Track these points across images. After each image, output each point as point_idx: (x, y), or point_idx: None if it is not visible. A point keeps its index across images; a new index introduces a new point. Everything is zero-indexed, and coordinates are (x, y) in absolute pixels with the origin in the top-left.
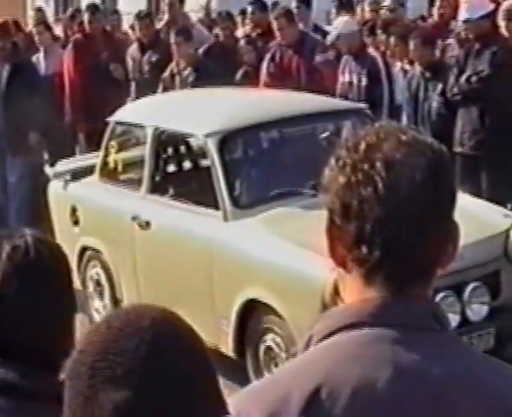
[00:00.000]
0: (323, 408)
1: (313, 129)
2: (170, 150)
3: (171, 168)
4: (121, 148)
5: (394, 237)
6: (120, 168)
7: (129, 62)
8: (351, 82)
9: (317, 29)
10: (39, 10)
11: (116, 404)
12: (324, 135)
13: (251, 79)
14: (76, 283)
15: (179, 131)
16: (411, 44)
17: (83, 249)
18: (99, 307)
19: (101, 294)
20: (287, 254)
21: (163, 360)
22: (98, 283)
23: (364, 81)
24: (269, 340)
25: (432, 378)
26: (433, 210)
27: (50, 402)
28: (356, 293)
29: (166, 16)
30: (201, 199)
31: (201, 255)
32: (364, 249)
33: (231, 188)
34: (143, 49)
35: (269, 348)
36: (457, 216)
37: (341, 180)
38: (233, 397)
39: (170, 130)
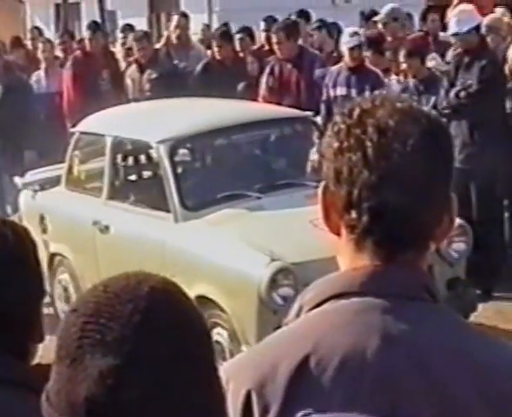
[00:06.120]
0: (311, 377)
1: (259, 135)
2: (128, 158)
3: (129, 175)
4: (85, 158)
5: (382, 203)
6: (83, 176)
7: (129, 84)
8: (347, 96)
9: None
10: (37, 29)
11: (102, 370)
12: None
13: (252, 92)
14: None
15: (134, 139)
16: (400, 57)
17: (52, 256)
18: (66, 311)
19: (68, 298)
20: (228, 252)
21: (156, 332)
22: (65, 289)
23: (368, 94)
24: (216, 334)
25: (420, 347)
26: (425, 179)
27: (20, 389)
28: (348, 260)
29: (164, 36)
30: (156, 203)
31: (154, 256)
32: (354, 214)
33: (181, 192)
34: (142, 69)
35: (217, 342)
36: None
37: (335, 145)
38: (223, 366)
39: (127, 139)
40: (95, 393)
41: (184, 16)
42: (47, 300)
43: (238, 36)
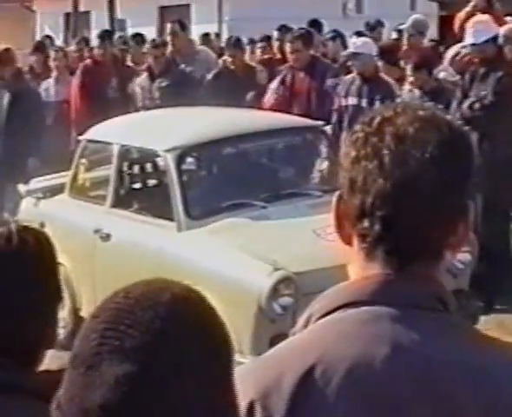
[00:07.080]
0: (316, 387)
1: (267, 144)
2: (134, 167)
3: (135, 183)
4: (90, 166)
5: (394, 212)
6: (88, 184)
7: (138, 91)
8: (358, 106)
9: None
10: (48, 37)
11: (118, 377)
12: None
13: (261, 101)
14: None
15: (142, 148)
16: (407, 69)
17: None
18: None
19: (62, 306)
20: (229, 260)
21: (176, 339)
22: None
23: (378, 104)
24: None
25: (427, 358)
26: (441, 188)
27: (28, 396)
28: (359, 269)
29: (170, 46)
30: (159, 212)
31: (154, 264)
32: (366, 223)
33: (186, 201)
34: (153, 77)
35: None
36: None
37: (352, 154)
38: None
39: (134, 147)
40: (110, 399)
41: (179, 23)
42: None
43: (259, 45)
